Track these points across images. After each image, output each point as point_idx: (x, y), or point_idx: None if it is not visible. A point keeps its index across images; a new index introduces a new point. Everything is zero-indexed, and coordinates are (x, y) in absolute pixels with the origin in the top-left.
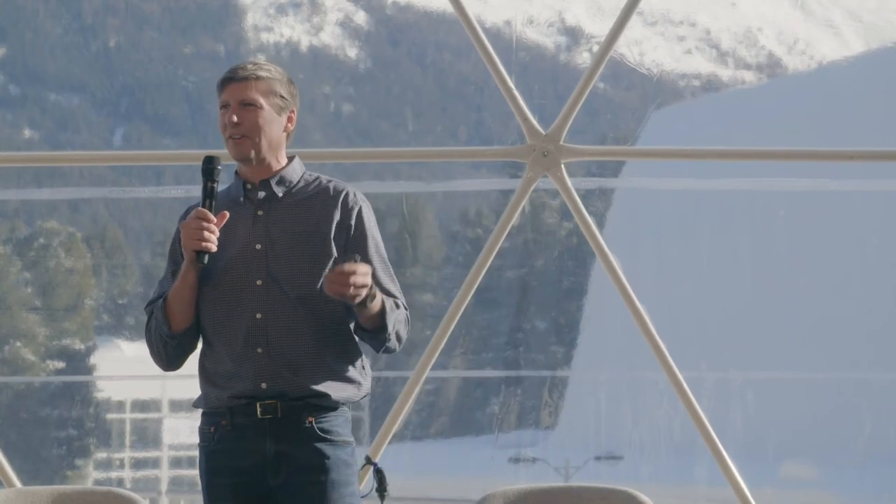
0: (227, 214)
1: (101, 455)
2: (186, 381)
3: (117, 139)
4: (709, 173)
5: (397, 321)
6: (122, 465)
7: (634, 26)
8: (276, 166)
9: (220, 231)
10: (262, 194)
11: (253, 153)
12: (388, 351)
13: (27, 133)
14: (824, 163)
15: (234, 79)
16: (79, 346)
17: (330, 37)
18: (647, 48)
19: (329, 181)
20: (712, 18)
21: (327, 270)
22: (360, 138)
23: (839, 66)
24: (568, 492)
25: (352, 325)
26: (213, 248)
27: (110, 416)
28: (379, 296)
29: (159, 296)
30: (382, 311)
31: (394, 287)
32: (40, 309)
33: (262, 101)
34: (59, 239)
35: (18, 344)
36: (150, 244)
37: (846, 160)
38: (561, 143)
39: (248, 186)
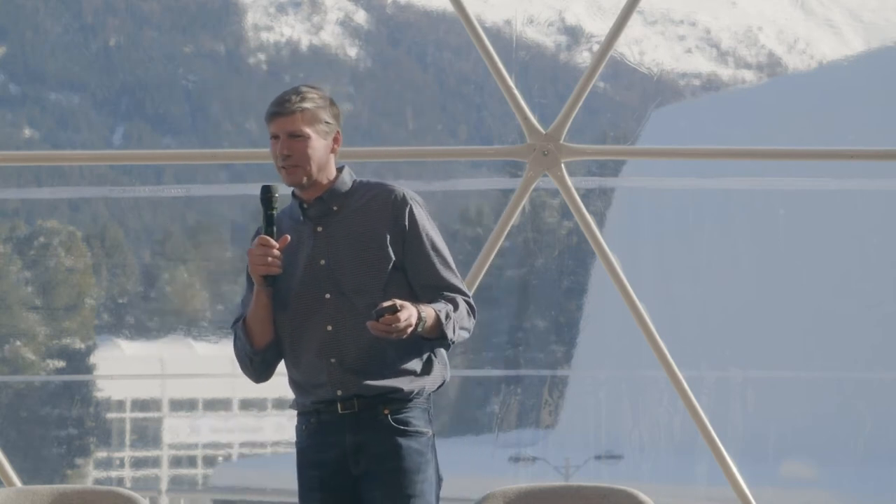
0: (289, 238)
1: (101, 454)
2: (186, 380)
3: (117, 138)
4: (709, 172)
5: (457, 321)
6: (122, 465)
7: (634, 25)
8: (326, 183)
9: (287, 250)
10: (318, 211)
11: (305, 179)
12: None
13: (27, 132)
14: (824, 162)
15: (280, 113)
16: (79, 345)
17: (330, 36)
18: (647, 47)
19: (378, 184)
20: (712, 17)
21: (386, 274)
22: (360, 137)
23: (839, 66)
24: (568, 491)
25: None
26: (278, 271)
27: (110, 415)
28: (431, 314)
29: (241, 315)
30: (439, 324)
31: (454, 278)
32: (40, 308)
33: (308, 130)
34: (59, 238)
35: (18, 343)
36: (150, 243)
37: (846, 159)
38: (561, 142)
39: (305, 206)
